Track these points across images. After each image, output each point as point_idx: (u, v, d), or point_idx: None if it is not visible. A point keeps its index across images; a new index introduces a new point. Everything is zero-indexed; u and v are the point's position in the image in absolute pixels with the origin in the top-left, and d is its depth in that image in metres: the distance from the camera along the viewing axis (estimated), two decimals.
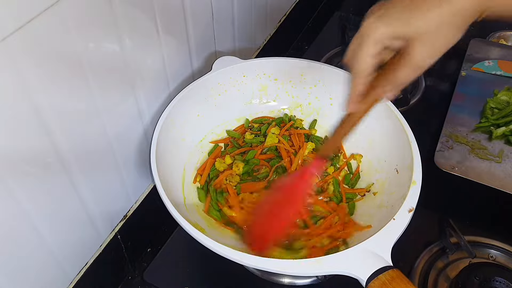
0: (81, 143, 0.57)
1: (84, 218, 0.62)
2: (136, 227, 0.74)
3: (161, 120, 0.69)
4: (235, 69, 0.80)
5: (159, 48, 0.67)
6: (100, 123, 0.59)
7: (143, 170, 0.73)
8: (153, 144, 0.66)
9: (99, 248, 0.68)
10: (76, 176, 0.57)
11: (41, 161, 0.51)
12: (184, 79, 0.77)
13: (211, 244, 0.57)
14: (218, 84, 0.79)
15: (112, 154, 0.64)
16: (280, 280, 0.73)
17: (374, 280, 0.51)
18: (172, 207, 0.60)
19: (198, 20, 0.74)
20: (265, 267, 0.55)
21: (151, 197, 0.75)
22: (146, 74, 0.66)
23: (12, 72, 0.44)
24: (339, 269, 0.54)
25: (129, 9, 0.57)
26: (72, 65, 0.51)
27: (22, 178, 0.49)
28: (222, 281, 0.74)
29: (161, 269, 0.76)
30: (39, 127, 0.49)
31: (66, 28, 0.48)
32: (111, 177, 0.66)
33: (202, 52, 0.80)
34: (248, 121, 0.84)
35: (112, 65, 0.58)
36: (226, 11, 0.83)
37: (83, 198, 0.60)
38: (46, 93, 0.49)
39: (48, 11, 0.45)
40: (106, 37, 0.55)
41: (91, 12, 0.51)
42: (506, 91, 0.94)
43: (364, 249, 0.55)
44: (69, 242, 0.60)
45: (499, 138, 0.87)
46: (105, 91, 0.58)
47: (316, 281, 0.72)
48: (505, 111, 0.89)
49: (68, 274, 0.63)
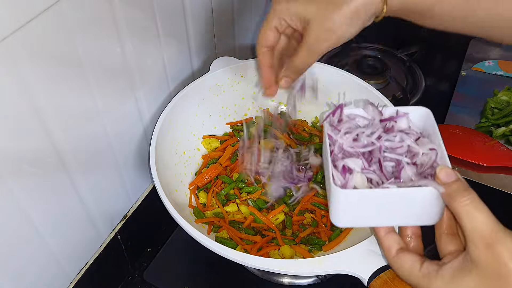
0: (81, 143, 0.57)
1: (84, 218, 0.62)
2: (136, 227, 0.74)
3: (160, 121, 0.69)
4: (233, 70, 0.80)
5: (159, 48, 0.67)
6: (100, 123, 0.59)
7: (143, 170, 0.73)
8: (152, 144, 0.66)
9: (99, 248, 0.68)
10: (76, 176, 0.57)
11: (41, 161, 0.51)
12: (184, 79, 0.77)
13: (211, 244, 0.57)
14: (217, 85, 0.79)
15: (112, 154, 0.64)
16: (280, 280, 0.73)
17: (376, 279, 0.51)
18: (172, 207, 0.60)
19: (198, 20, 0.74)
20: (265, 267, 0.55)
21: (151, 197, 0.75)
22: (146, 74, 0.66)
23: (12, 72, 0.44)
24: (340, 269, 0.54)
25: (129, 9, 0.57)
26: (72, 65, 0.51)
27: (22, 178, 0.49)
28: (222, 281, 0.74)
29: (161, 269, 0.76)
30: (39, 127, 0.49)
31: (66, 28, 0.48)
32: (111, 177, 0.66)
33: (202, 52, 0.80)
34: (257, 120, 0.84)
35: (112, 65, 0.58)
36: (226, 11, 0.83)
37: (83, 198, 0.60)
38: (46, 93, 0.49)
39: (48, 11, 0.45)
40: (106, 37, 0.55)
41: (91, 12, 0.51)
42: (506, 91, 0.94)
43: (365, 248, 0.55)
44: (69, 242, 0.60)
45: (499, 138, 0.87)
46: (105, 91, 0.58)
47: (316, 281, 0.72)
48: (505, 111, 0.89)
49: (68, 274, 0.63)
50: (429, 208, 0.44)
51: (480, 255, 0.39)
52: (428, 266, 0.43)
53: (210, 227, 0.70)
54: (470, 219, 0.39)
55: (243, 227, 0.70)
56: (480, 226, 0.39)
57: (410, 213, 0.45)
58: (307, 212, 0.71)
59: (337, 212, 0.46)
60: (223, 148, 0.79)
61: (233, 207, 0.71)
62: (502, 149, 0.84)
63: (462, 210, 0.40)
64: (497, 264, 0.38)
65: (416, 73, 1.06)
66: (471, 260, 0.40)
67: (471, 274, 0.39)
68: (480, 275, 0.39)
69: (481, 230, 0.39)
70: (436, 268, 0.42)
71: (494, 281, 0.38)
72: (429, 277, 0.42)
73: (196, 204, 0.73)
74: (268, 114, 0.85)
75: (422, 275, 0.43)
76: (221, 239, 0.67)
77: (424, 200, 0.43)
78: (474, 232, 0.39)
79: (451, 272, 0.41)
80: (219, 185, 0.75)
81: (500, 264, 0.38)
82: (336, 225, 0.48)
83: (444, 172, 0.42)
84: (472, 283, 0.39)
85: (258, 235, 0.69)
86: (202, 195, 0.73)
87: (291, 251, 0.66)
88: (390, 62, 1.07)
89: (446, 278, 0.41)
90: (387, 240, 0.47)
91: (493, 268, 0.38)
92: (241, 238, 0.68)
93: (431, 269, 0.42)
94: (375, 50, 1.12)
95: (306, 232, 0.69)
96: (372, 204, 0.45)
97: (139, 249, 0.78)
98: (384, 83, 1.01)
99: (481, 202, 0.40)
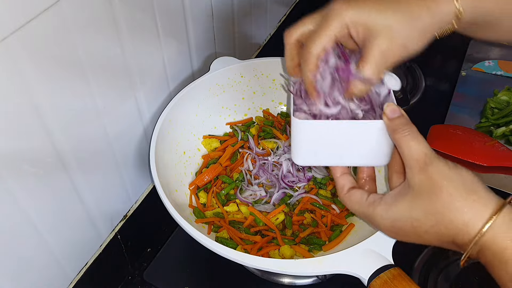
0: (81, 143, 0.57)
1: (84, 218, 0.62)
2: (136, 227, 0.74)
3: (160, 121, 0.69)
4: (233, 70, 0.80)
5: (159, 48, 0.67)
6: (100, 123, 0.59)
7: (143, 170, 0.73)
8: (152, 144, 0.66)
9: (99, 248, 0.68)
10: (76, 176, 0.57)
11: (41, 161, 0.51)
12: (184, 79, 0.77)
13: (211, 244, 0.57)
14: (217, 85, 0.79)
15: (112, 154, 0.64)
16: (280, 280, 0.73)
17: (376, 279, 0.51)
18: (172, 207, 0.60)
19: (198, 20, 0.74)
20: (265, 267, 0.55)
21: (151, 197, 0.75)
22: (146, 74, 0.66)
23: (12, 72, 0.44)
24: (340, 268, 0.54)
25: (129, 9, 0.57)
26: (72, 65, 0.51)
27: (22, 178, 0.49)
28: (222, 281, 0.74)
29: (161, 269, 0.76)
30: (39, 127, 0.49)
31: (66, 28, 0.48)
32: (111, 177, 0.66)
33: (202, 52, 0.80)
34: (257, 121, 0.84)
35: (112, 65, 0.58)
36: (226, 11, 0.83)
37: (83, 198, 0.60)
38: (46, 93, 0.49)
39: (48, 11, 0.45)
40: (106, 37, 0.55)
41: (91, 12, 0.51)
42: (506, 91, 0.94)
43: (365, 248, 0.55)
44: (69, 242, 0.60)
45: (499, 138, 0.87)
46: (105, 91, 0.58)
47: (316, 281, 0.72)
48: (505, 111, 0.89)
49: (68, 274, 0.63)
50: (379, 145, 0.48)
51: (415, 177, 0.43)
52: (374, 196, 0.47)
53: (210, 227, 0.70)
54: (407, 147, 0.43)
55: (243, 227, 0.70)
56: (415, 152, 0.43)
57: (362, 151, 0.49)
58: (307, 212, 0.71)
59: (296, 148, 0.50)
60: (223, 148, 0.79)
61: (233, 207, 0.71)
62: (502, 149, 0.84)
63: (402, 140, 0.43)
64: (429, 183, 0.42)
65: (416, 73, 1.06)
66: (408, 185, 0.44)
67: (408, 195, 0.43)
68: (415, 195, 0.43)
69: (416, 155, 0.42)
70: (380, 196, 0.46)
71: (427, 199, 0.42)
72: (373, 205, 0.46)
73: (196, 204, 0.73)
74: (268, 114, 0.85)
75: (368, 203, 0.47)
76: (221, 239, 0.67)
77: (374, 135, 0.47)
78: (410, 158, 0.43)
79: (392, 197, 0.45)
80: (219, 185, 0.75)
81: (433, 183, 0.42)
82: (296, 162, 0.51)
83: (390, 108, 0.45)
84: (409, 202, 0.43)
85: (258, 235, 0.69)
86: (202, 195, 0.73)
87: (291, 251, 0.66)
88: None
89: (387, 202, 0.45)
90: (342, 180, 0.50)
91: (426, 187, 0.42)
92: (241, 238, 0.68)
93: (376, 198, 0.46)
94: None
95: (306, 232, 0.69)
96: (326, 139, 0.48)
97: (139, 249, 0.78)
98: None
99: (420, 134, 0.44)
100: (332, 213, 0.71)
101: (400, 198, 0.44)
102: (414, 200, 0.43)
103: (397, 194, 0.45)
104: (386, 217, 0.45)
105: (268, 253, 0.67)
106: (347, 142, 0.48)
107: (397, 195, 0.45)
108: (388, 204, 0.45)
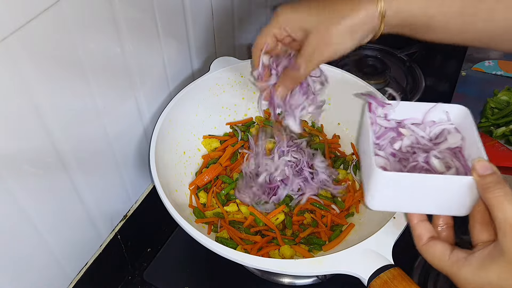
0: (81, 143, 0.57)
1: (84, 218, 0.62)
2: (136, 227, 0.74)
3: (160, 121, 0.69)
4: (233, 70, 0.80)
5: (159, 48, 0.67)
6: (100, 123, 0.59)
7: (143, 170, 0.73)
8: (152, 144, 0.66)
9: (99, 248, 0.68)
10: (76, 176, 0.57)
11: (41, 161, 0.51)
12: (184, 79, 0.77)
13: (211, 244, 0.57)
14: (216, 85, 0.79)
15: (112, 154, 0.64)
16: (280, 280, 0.73)
17: (376, 279, 0.51)
18: (172, 207, 0.60)
19: (198, 20, 0.74)
20: (265, 267, 0.55)
21: (151, 197, 0.75)
22: (146, 74, 0.66)
23: (12, 72, 0.44)
24: (340, 269, 0.54)
25: (129, 9, 0.57)
26: (72, 65, 0.51)
27: (22, 178, 0.49)
28: (222, 281, 0.74)
29: (161, 269, 0.76)
30: (39, 127, 0.49)
31: (66, 28, 0.48)
32: (111, 177, 0.66)
33: (202, 52, 0.80)
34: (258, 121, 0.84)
35: (112, 65, 0.58)
36: (226, 11, 0.83)
37: (83, 198, 0.60)
38: (46, 93, 0.49)
39: (48, 11, 0.45)
40: (106, 37, 0.55)
41: (91, 12, 0.51)
42: (506, 91, 0.94)
43: (365, 248, 0.55)
44: (69, 242, 0.60)
45: (499, 138, 0.87)
46: (105, 91, 0.58)
47: (316, 281, 0.72)
48: (505, 111, 0.89)
49: (68, 274, 0.63)
50: (462, 198, 0.46)
51: (508, 244, 0.40)
52: (458, 253, 0.44)
53: (210, 227, 0.70)
54: (502, 210, 0.40)
55: (243, 227, 0.70)
56: (510, 216, 0.40)
57: (443, 202, 0.47)
58: (307, 212, 0.71)
59: (373, 194, 0.48)
60: (223, 148, 0.79)
61: (233, 207, 0.71)
62: (502, 149, 0.84)
63: (495, 201, 0.41)
64: None
65: (416, 73, 1.06)
66: (500, 249, 0.41)
67: (499, 261, 0.41)
68: (506, 262, 0.40)
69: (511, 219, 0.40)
70: (465, 255, 0.44)
71: None
72: (458, 264, 0.43)
73: (196, 204, 0.73)
74: (268, 114, 0.85)
75: (451, 262, 0.44)
76: (221, 239, 0.67)
77: (459, 189, 0.45)
78: (505, 222, 0.40)
79: (480, 260, 0.42)
80: (219, 185, 0.75)
81: None
82: (370, 208, 0.50)
83: (481, 164, 0.44)
84: (499, 270, 0.40)
85: (258, 235, 0.69)
86: (202, 195, 0.73)
87: (291, 251, 0.66)
88: (390, 62, 1.07)
89: (474, 265, 0.42)
90: (419, 228, 0.48)
91: None
92: (241, 238, 0.68)
93: (461, 257, 0.44)
94: (375, 50, 1.12)
95: (306, 232, 0.69)
96: (407, 189, 0.47)
97: (139, 249, 0.78)
98: (384, 83, 1.01)
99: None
100: (332, 213, 0.71)
101: (490, 263, 0.41)
102: (507, 267, 0.40)
103: (486, 258, 0.42)
104: (472, 281, 0.42)
105: (268, 253, 0.67)
106: (429, 192, 0.47)
107: (486, 259, 0.42)
108: (475, 267, 0.42)
